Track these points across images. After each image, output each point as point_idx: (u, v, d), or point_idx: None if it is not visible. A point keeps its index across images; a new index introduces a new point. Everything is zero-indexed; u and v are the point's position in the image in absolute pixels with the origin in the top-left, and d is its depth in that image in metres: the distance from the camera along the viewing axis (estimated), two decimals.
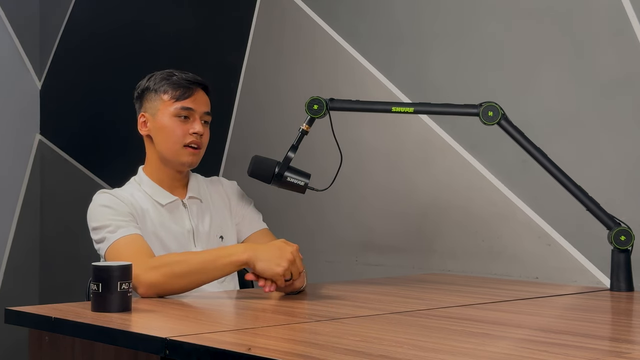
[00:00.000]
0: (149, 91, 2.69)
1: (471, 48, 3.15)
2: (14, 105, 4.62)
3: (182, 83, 2.67)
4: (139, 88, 2.73)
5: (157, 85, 2.68)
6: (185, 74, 2.69)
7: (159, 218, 2.63)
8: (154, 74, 2.72)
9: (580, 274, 2.89)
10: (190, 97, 2.66)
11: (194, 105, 2.66)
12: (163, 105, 2.66)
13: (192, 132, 2.65)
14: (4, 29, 4.58)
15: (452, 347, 1.82)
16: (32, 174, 4.69)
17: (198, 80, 2.70)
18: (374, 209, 3.39)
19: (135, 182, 2.71)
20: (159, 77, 2.69)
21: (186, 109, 2.65)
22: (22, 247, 4.65)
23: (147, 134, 2.69)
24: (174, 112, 2.65)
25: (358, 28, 3.45)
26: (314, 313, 2.27)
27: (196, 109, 2.67)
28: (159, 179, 2.69)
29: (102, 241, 2.54)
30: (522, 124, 2.75)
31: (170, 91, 2.66)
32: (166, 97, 2.66)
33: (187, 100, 2.66)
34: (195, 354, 1.81)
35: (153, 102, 2.68)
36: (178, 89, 2.66)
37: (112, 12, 4.39)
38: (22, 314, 2.23)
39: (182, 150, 2.65)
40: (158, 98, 2.67)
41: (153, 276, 2.38)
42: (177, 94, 2.65)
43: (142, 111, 2.70)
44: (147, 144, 2.72)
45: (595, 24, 2.87)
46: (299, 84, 3.62)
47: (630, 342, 1.95)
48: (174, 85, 2.66)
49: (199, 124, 2.66)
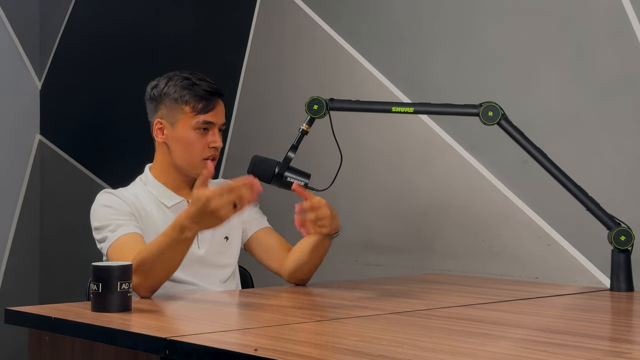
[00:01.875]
0: (168, 98, 2.64)
1: (471, 48, 3.15)
2: (14, 105, 4.62)
3: (203, 95, 2.63)
4: (155, 89, 2.67)
5: (177, 93, 2.63)
6: (205, 82, 2.65)
7: (164, 219, 2.62)
8: (171, 76, 2.67)
9: (580, 274, 2.89)
10: (212, 111, 2.64)
11: (214, 118, 2.64)
12: (184, 117, 2.62)
13: (212, 146, 2.63)
14: (4, 29, 4.58)
15: (452, 347, 1.82)
16: (32, 174, 4.69)
17: (218, 91, 2.67)
18: (374, 209, 3.39)
19: (141, 181, 2.70)
20: (179, 85, 2.64)
21: (208, 123, 2.63)
22: (22, 247, 4.64)
23: (164, 141, 2.66)
24: (195, 125, 2.62)
25: (358, 28, 3.45)
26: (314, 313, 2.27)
27: (216, 122, 2.65)
28: (166, 181, 2.68)
29: (103, 240, 2.55)
30: (522, 124, 2.75)
31: (193, 103, 2.62)
32: (188, 109, 2.62)
33: (209, 114, 2.63)
34: (195, 354, 1.81)
35: (172, 111, 2.64)
36: (200, 101, 2.62)
37: (112, 12, 4.39)
38: (22, 314, 2.23)
39: (200, 162, 2.63)
40: (179, 108, 2.63)
41: (135, 280, 2.33)
42: (200, 107, 2.62)
43: (159, 117, 2.66)
44: (160, 148, 2.68)
45: (595, 24, 2.87)
46: (299, 84, 3.62)
47: (630, 342, 1.95)
48: (196, 97, 2.62)
49: (218, 137, 2.64)
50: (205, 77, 2.68)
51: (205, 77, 2.68)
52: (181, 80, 2.65)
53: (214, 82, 2.69)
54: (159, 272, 2.40)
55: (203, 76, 2.68)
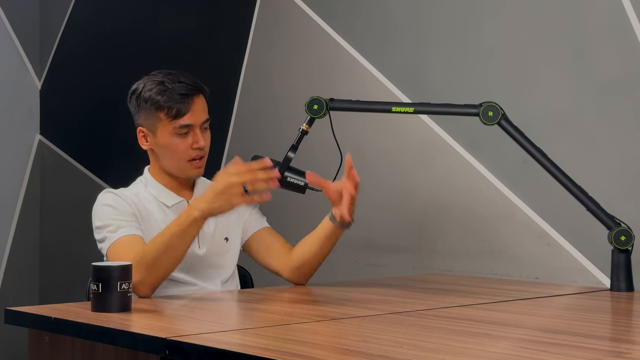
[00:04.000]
0: (145, 104, 2.60)
1: (471, 48, 3.15)
2: (14, 105, 4.62)
3: (177, 99, 2.57)
4: (133, 95, 2.63)
5: (151, 101, 2.58)
6: (178, 83, 2.59)
7: (165, 219, 2.62)
8: (146, 82, 2.62)
9: (580, 274, 2.89)
10: (189, 113, 2.58)
11: (192, 120, 2.59)
12: (161, 124, 2.59)
13: (195, 147, 2.61)
14: (4, 29, 4.58)
15: (452, 347, 1.82)
16: (32, 174, 4.68)
17: (192, 90, 2.60)
18: (374, 209, 3.39)
19: (141, 182, 2.70)
20: (153, 91, 2.58)
21: (186, 126, 2.59)
22: (22, 247, 4.64)
23: (150, 148, 2.66)
24: (173, 131, 2.59)
25: (359, 28, 3.45)
26: (314, 313, 2.27)
27: (195, 122, 2.60)
28: (165, 182, 2.68)
29: (103, 240, 2.55)
30: (522, 124, 2.75)
31: (167, 109, 2.57)
32: (163, 116, 2.58)
33: (185, 117, 2.58)
34: (195, 354, 1.81)
35: (150, 120, 2.61)
36: (174, 106, 2.57)
37: (112, 12, 4.39)
38: (22, 314, 2.23)
39: (186, 165, 2.62)
40: (155, 116, 2.59)
41: (136, 276, 2.33)
42: (174, 113, 2.57)
43: (140, 125, 2.64)
44: (150, 154, 2.68)
45: (595, 24, 2.87)
46: (299, 84, 3.62)
47: (630, 342, 1.95)
48: (169, 102, 2.57)
49: (200, 137, 2.60)
50: (180, 77, 2.61)
51: (181, 76, 2.61)
52: (155, 85, 2.60)
53: (190, 80, 2.62)
54: (164, 262, 2.40)
55: (179, 75, 2.62)
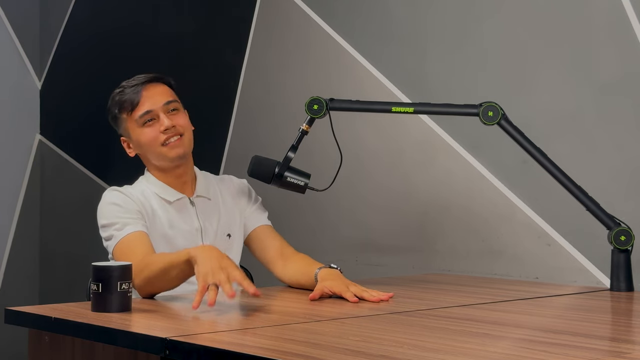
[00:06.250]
0: (115, 115, 2.69)
1: (471, 48, 3.15)
2: (14, 105, 4.62)
3: (129, 94, 2.65)
4: (107, 111, 2.73)
5: (114, 108, 2.68)
6: (133, 80, 2.68)
7: (167, 216, 2.64)
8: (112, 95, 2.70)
9: (580, 274, 2.89)
10: (141, 101, 2.64)
11: (149, 105, 2.64)
12: (128, 123, 2.67)
13: (162, 130, 2.63)
14: (4, 29, 4.58)
15: (452, 347, 1.82)
16: (32, 174, 4.69)
17: (143, 80, 2.67)
18: (374, 209, 3.39)
19: (144, 180, 2.72)
20: (115, 100, 2.68)
21: (145, 114, 2.64)
22: (22, 247, 4.64)
23: (135, 154, 2.71)
24: (137, 123, 2.65)
25: (359, 28, 3.45)
26: (314, 313, 2.27)
27: (153, 107, 2.65)
28: (164, 180, 2.70)
29: (110, 239, 2.55)
30: (522, 124, 2.75)
31: (124, 107, 2.66)
32: (125, 115, 2.66)
33: (140, 105, 2.64)
34: (195, 354, 1.81)
35: (121, 126, 2.69)
36: (127, 100, 2.65)
37: (112, 12, 4.39)
38: (22, 314, 2.23)
39: (163, 149, 2.65)
40: (121, 119, 2.68)
41: (136, 281, 2.39)
42: (130, 107, 2.65)
43: (121, 135, 2.72)
44: (141, 159, 2.74)
45: (595, 24, 2.87)
46: (299, 83, 3.62)
47: (630, 342, 1.95)
48: (124, 101, 2.65)
49: (165, 118, 2.63)
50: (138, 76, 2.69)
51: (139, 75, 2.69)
52: (116, 94, 2.69)
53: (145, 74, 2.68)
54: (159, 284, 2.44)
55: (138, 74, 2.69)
